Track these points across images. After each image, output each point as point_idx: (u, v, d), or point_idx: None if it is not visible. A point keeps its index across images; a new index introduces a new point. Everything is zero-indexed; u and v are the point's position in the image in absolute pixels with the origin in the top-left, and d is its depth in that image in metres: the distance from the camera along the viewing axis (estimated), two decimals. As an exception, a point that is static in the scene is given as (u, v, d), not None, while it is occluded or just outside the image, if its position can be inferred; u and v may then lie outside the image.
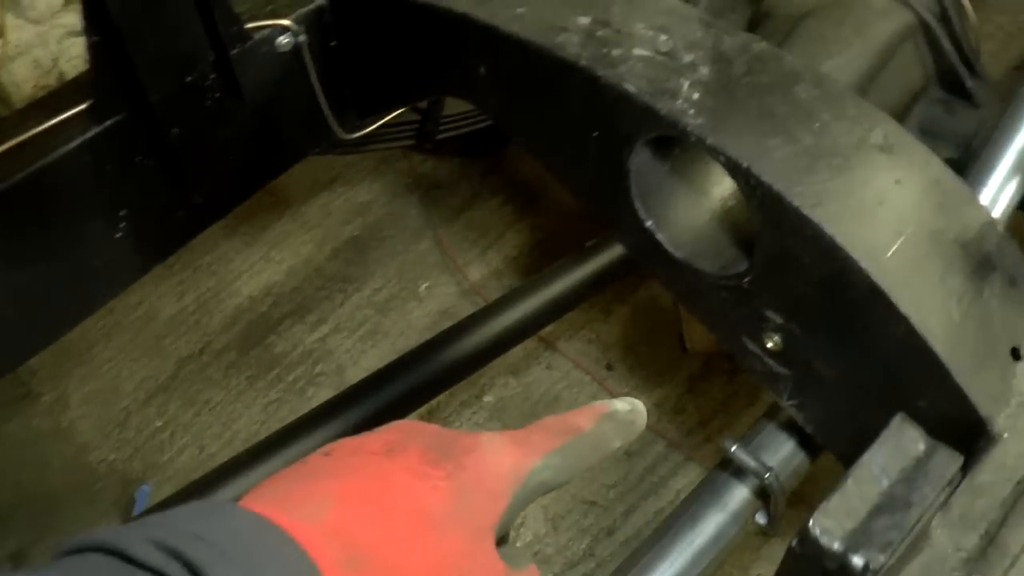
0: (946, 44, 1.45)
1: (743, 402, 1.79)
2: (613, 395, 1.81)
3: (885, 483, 0.62)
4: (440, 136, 1.70)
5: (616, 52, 0.91)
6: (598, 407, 0.67)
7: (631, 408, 0.68)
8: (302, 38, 1.17)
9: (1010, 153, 1.13)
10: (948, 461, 0.64)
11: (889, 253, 0.80)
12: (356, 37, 1.20)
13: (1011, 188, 1.13)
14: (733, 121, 0.84)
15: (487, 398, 1.84)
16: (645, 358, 1.85)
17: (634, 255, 1.01)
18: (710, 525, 0.97)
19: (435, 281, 2.00)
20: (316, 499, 0.51)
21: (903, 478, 0.63)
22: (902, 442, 0.66)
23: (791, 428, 0.98)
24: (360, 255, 2.07)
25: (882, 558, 0.58)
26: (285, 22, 1.16)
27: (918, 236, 0.81)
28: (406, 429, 0.60)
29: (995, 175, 1.14)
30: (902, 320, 0.79)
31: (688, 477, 1.69)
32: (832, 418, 0.92)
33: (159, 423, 1.87)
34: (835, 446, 0.94)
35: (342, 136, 1.29)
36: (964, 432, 0.81)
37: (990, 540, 0.73)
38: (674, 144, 0.91)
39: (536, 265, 1.97)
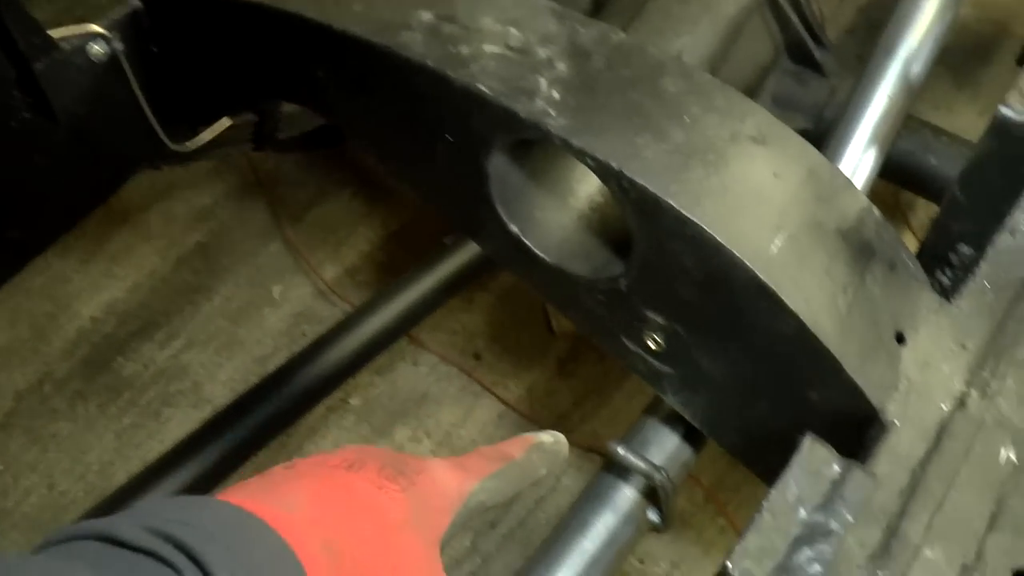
0: (792, 16, 1.44)
1: (615, 380, 1.77)
2: (483, 385, 1.77)
3: (803, 513, 0.59)
4: (281, 136, 1.60)
5: (465, 50, 0.85)
6: (527, 438, 0.75)
7: (555, 440, 0.77)
8: (118, 45, 1.06)
9: (865, 124, 1.12)
10: (863, 482, 0.61)
11: (774, 250, 0.76)
12: (178, 42, 1.10)
13: (869, 158, 1.12)
14: (598, 120, 0.79)
15: (353, 401, 1.76)
16: (512, 344, 1.81)
17: (500, 262, 0.96)
18: (601, 529, 0.94)
19: (289, 283, 1.90)
20: (291, 496, 0.55)
21: (821, 504, 0.60)
22: (815, 466, 0.62)
23: (675, 421, 0.95)
24: (208, 263, 1.95)
25: None
26: (97, 28, 1.05)
27: (800, 229, 0.78)
28: (360, 450, 0.64)
29: (852, 147, 1.13)
30: (792, 318, 0.76)
31: (567, 461, 1.67)
32: (721, 413, 0.89)
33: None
34: (724, 440, 0.92)
35: (174, 148, 1.19)
36: (857, 423, 0.79)
37: (891, 533, 0.71)
38: (534, 144, 0.85)
39: (392, 259, 1.90)
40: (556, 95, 0.81)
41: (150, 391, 1.81)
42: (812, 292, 0.76)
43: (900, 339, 0.81)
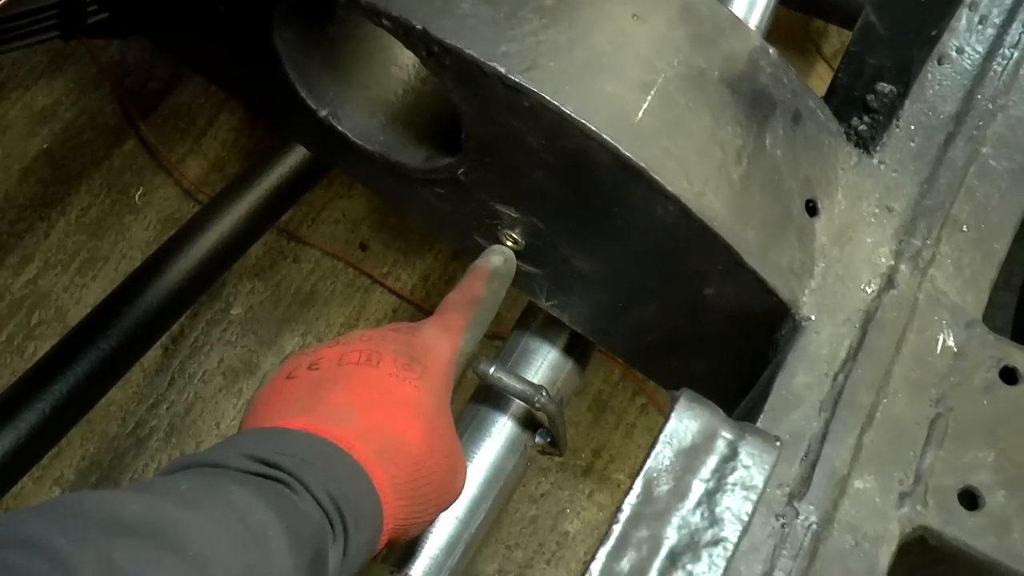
0: None
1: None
2: (372, 278, 1.61)
3: (675, 517, 0.43)
4: (93, 19, 1.37)
5: None
6: (482, 268, 0.73)
7: (504, 258, 0.73)
8: None
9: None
10: (763, 451, 0.45)
11: (639, 115, 0.59)
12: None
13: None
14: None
15: (235, 311, 1.59)
16: (400, 229, 1.63)
17: (322, 157, 0.77)
18: (484, 463, 0.79)
19: (150, 185, 1.69)
20: (340, 409, 0.63)
21: (701, 501, 0.44)
22: (692, 445, 0.46)
23: (554, 331, 0.79)
24: (56, 171, 1.73)
25: None
26: None
27: (674, 84, 0.61)
28: (369, 338, 0.69)
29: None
30: (671, 200, 0.59)
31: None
32: (605, 316, 0.73)
33: None
34: (615, 347, 0.76)
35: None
36: (766, 321, 0.64)
37: (813, 463, 0.57)
38: (332, 15, 0.66)
39: (259, 146, 1.69)
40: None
41: (10, 325, 1.62)
42: (694, 165, 0.59)
43: (812, 209, 0.65)
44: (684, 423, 0.47)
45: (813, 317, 0.62)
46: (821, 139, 0.66)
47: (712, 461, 0.46)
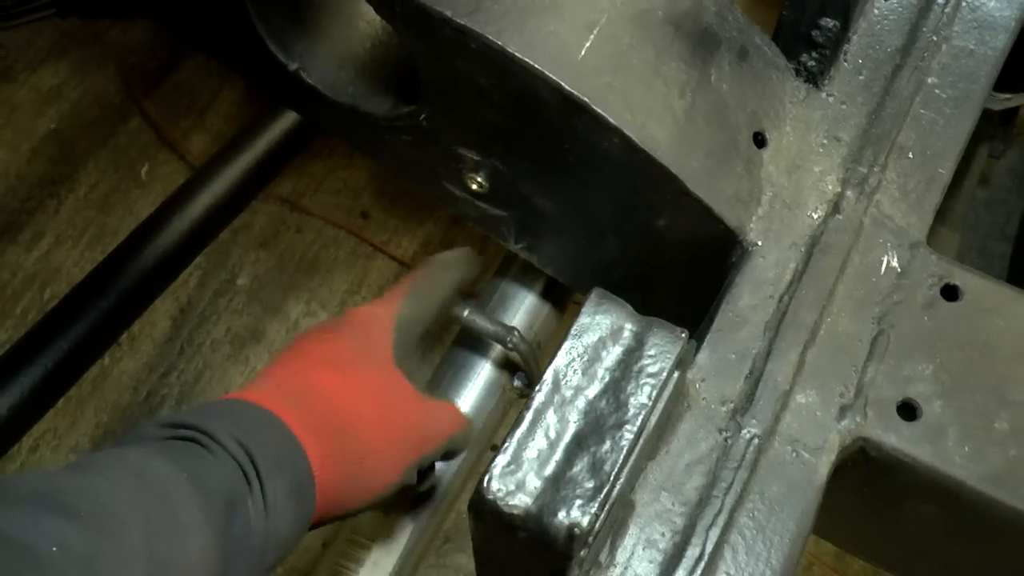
0: None
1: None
2: (374, 246, 1.64)
3: (582, 403, 0.46)
4: (87, -4, 1.40)
5: None
6: (428, 259, 0.78)
7: (457, 254, 0.79)
8: None
9: None
10: (668, 343, 0.48)
11: (582, 53, 0.61)
12: None
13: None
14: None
15: (240, 281, 1.63)
16: (401, 197, 1.66)
17: (297, 110, 0.80)
18: (464, 405, 0.82)
19: (155, 161, 1.73)
20: (259, 378, 0.67)
21: (607, 388, 0.47)
22: (600, 338, 0.49)
23: (530, 277, 0.82)
24: (64, 150, 1.77)
25: (588, 515, 0.42)
26: None
27: (617, 23, 0.63)
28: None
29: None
30: (614, 132, 0.61)
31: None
32: (570, 256, 0.76)
33: None
34: (581, 286, 0.79)
35: None
36: (717, 250, 0.66)
37: (756, 380, 0.59)
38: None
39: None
40: None
41: (24, 299, 1.66)
42: (637, 99, 0.62)
43: (760, 141, 0.67)
44: (594, 318, 0.50)
45: (760, 243, 0.64)
46: (768, 74, 0.68)
47: (618, 351, 0.49)
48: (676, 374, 0.48)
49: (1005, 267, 1.69)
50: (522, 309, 0.81)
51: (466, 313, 0.80)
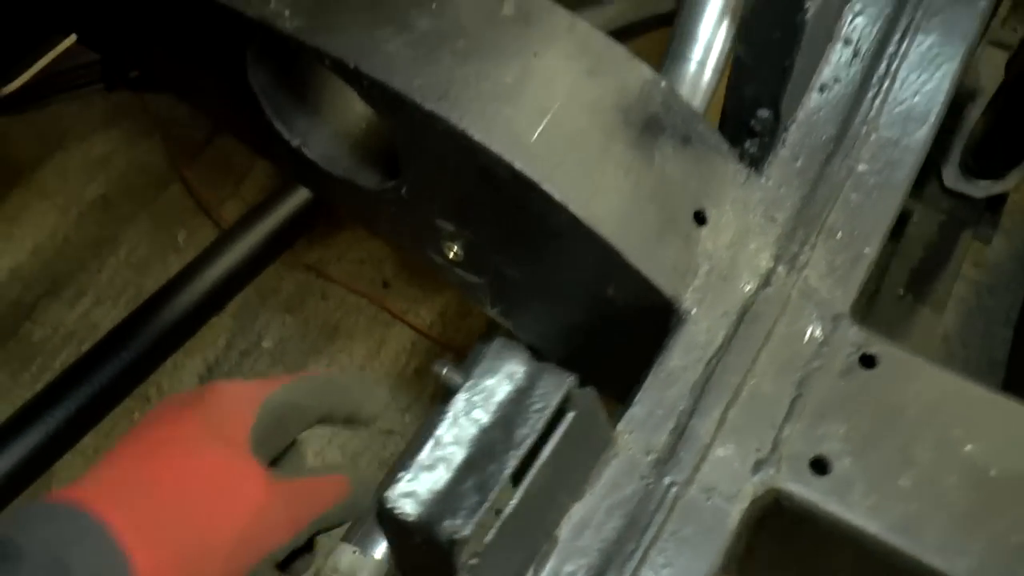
0: None
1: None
2: (393, 314, 1.72)
3: (475, 431, 0.52)
4: (133, 74, 1.52)
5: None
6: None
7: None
8: None
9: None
10: (555, 384, 0.55)
11: (534, 136, 0.69)
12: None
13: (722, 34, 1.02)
14: (338, 16, 0.72)
15: (266, 343, 1.71)
16: (420, 267, 1.74)
17: (299, 181, 0.89)
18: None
19: (192, 227, 1.84)
20: (95, 472, 0.63)
21: (499, 421, 0.53)
22: (497, 378, 0.56)
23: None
24: (109, 214, 1.89)
25: (469, 526, 0.49)
26: None
27: (569, 109, 0.71)
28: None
29: (704, 23, 1.03)
30: (561, 209, 0.69)
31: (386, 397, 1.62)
32: (538, 321, 0.83)
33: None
34: (552, 350, 0.85)
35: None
36: (657, 316, 0.73)
37: (680, 433, 0.66)
38: (298, 54, 0.78)
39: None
40: (294, -9, 0.73)
41: (62, 354, 1.77)
42: (584, 178, 0.69)
43: (700, 219, 0.74)
44: (495, 362, 0.57)
45: (694, 311, 0.71)
46: (710, 158, 0.75)
47: (510, 389, 0.55)
48: (571, 413, 0.55)
49: (1006, 352, 1.73)
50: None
51: (444, 371, 0.87)
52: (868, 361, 0.69)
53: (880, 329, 0.70)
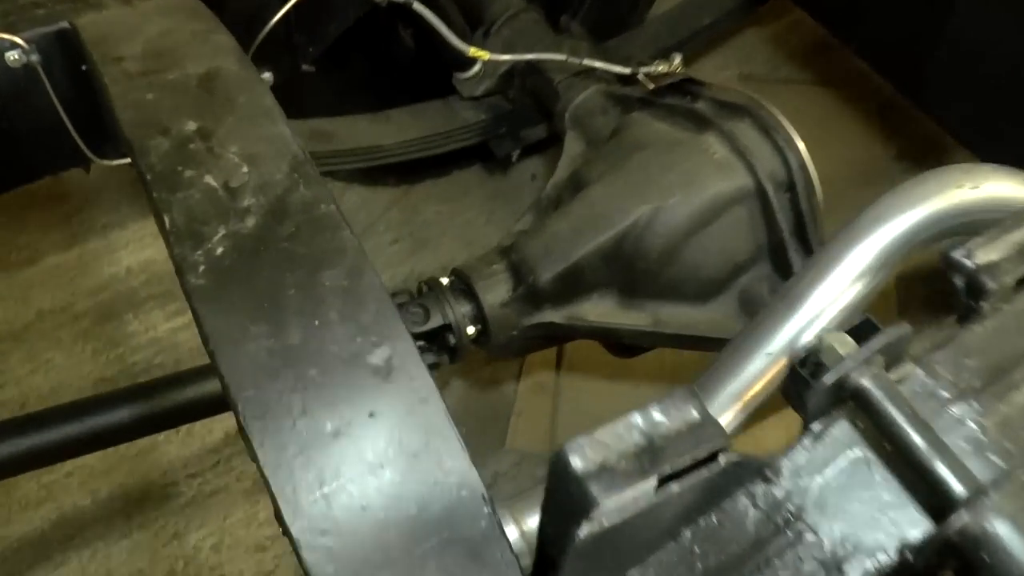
0: (782, 218, 1.30)
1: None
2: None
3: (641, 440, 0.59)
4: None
5: (189, 173, 0.83)
6: None
7: None
8: (35, 57, 1.12)
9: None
10: (713, 435, 0.60)
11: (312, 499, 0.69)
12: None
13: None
14: (234, 291, 0.75)
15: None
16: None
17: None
18: None
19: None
20: None
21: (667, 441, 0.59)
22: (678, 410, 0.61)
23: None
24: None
25: (614, 498, 0.56)
26: (15, 38, 1.11)
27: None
28: None
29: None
30: None
31: None
32: None
33: (-5, 372, 1.87)
34: None
35: (95, 160, 1.24)
36: None
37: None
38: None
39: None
40: (220, 250, 0.77)
41: (139, 354, 1.90)
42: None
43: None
44: None
45: None
46: None
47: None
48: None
49: None
50: None
51: None
52: None
53: None
